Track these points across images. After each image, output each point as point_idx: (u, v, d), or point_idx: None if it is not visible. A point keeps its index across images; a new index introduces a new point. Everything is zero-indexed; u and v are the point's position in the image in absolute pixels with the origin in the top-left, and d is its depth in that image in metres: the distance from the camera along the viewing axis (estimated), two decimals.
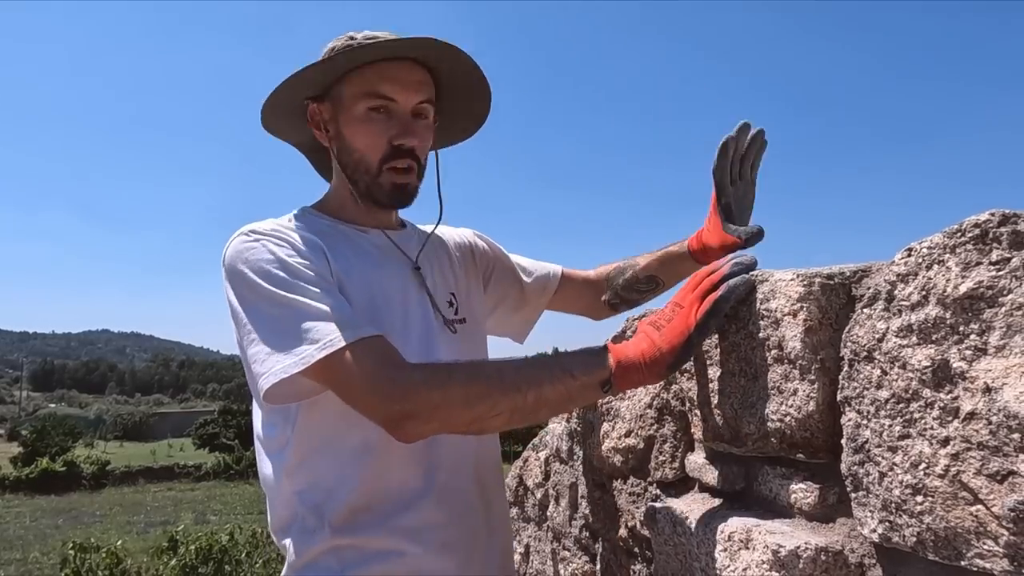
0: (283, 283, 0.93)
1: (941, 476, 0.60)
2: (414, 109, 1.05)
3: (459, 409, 0.86)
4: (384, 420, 0.87)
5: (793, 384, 0.79)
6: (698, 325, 0.86)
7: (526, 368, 0.88)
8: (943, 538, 0.60)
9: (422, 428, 0.87)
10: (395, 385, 0.86)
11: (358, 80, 1.03)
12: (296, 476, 1.01)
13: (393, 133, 1.03)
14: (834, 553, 0.72)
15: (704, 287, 0.88)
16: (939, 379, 0.62)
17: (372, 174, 1.05)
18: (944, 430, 0.61)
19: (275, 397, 0.91)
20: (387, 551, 0.98)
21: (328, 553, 0.98)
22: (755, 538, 0.77)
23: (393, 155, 1.04)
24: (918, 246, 0.66)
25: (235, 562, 6.62)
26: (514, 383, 0.86)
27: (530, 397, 0.86)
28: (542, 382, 0.86)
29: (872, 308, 0.70)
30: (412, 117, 1.05)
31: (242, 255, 0.96)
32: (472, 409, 0.86)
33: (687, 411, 1.05)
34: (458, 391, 0.86)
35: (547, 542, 1.60)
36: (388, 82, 1.02)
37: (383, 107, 1.03)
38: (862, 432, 0.70)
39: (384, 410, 0.86)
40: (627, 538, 1.18)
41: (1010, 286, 0.57)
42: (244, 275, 0.95)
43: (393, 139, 1.03)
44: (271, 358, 0.89)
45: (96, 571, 6.22)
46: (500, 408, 0.86)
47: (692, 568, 0.89)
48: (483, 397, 0.86)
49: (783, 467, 0.84)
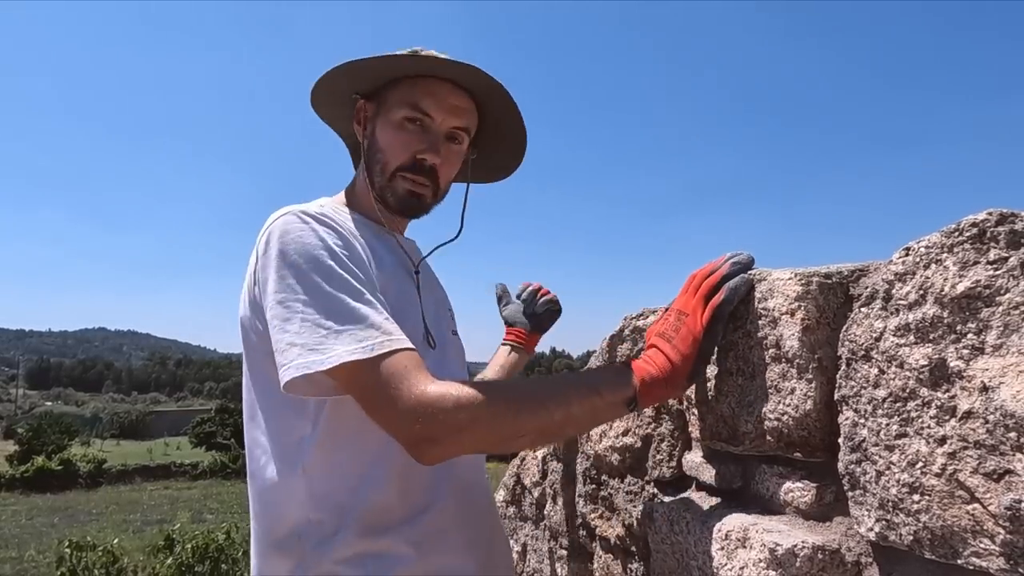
0: (329, 274, 0.89)
1: (938, 475, 0.60)
2: (448, 132, 1.06)
3: (484, 431, 0.83)
4: (406, 441, 0.83)
5: (791, 383, 0.80)
6: (706, 332, 0.87)
7: (553, 386, 0.87)
8: (939, 537, 0.60)
9: (444, 452, 0.84)
10: (420, 405, 0.81)
11: (404, 89, 1.05)
12: (315, 475, 0.95)
13: (420, 147, 1.04)
14: (831, 551, 0.72)
15: (704, 291, 0.88)
16: (936, 378, 0.62)
17: (386, 176, 1.06)
18: (941, 429, 0.61)
19: (293, 388, 0.87)
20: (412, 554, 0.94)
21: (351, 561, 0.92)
22: (752, 536, 0.78)
23: (412, 168, 1.05)
24: (916, 245, 0.66)
25: (231, 561, 6.61)
26: (542, 402, 0.85)
27: (557, 416, 0.84)
28: (570, 401, 0.85)
29: (870, 307, 0.70)
30: (444, 139, 1.06)
31: (290, 235, 0.92)
32: (498, 431, 0.84)
33: (684, 410, 1.05)
34: (484, 413, 0.82)
35: (544, 541, 1.60)
36: (430, 98, 1.04)
37: (419, 120, 1.05)
38: (859, 431, 0.70)
39: (407, 430, 0.82)
40: (624, 537, 1.18)
41: (1007, 285, 0.57)
42: (288, 257, 0.90)
43: (418, 153, 1.04)
44: (295, 349, 0.85)
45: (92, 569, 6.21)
46: (527, 428, 0.84)
47: (689, 566, 0.89)
48: (510, 418, 0.83)
49: (780, 466, 0.84)
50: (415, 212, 1.10)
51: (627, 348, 1.20)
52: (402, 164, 1.04)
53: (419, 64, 1.03)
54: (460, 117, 1.06)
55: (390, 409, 0.83)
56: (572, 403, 0.85)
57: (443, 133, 1.06)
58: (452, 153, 1.08)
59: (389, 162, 1.05)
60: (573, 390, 0.86)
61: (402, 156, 1.04)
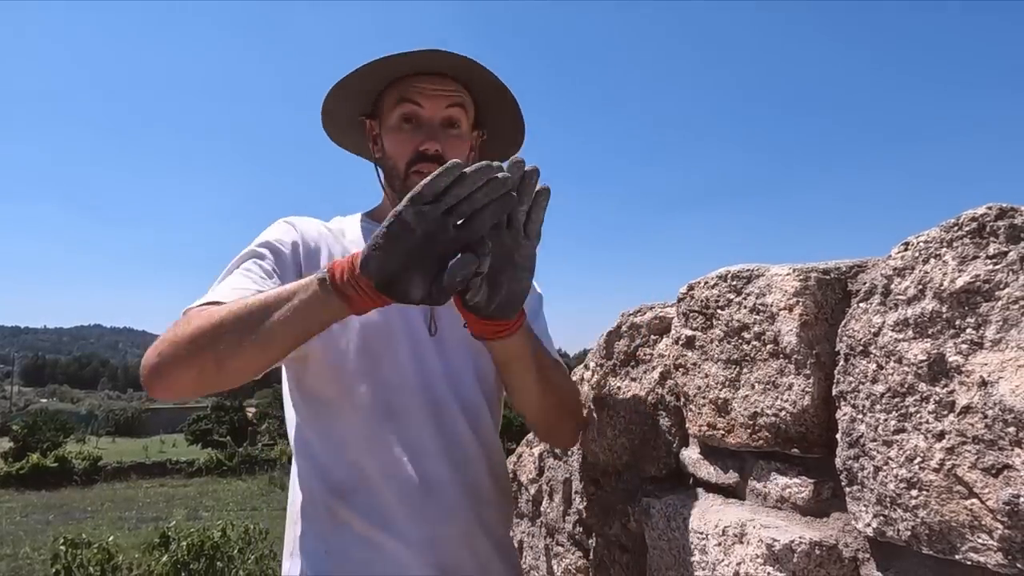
0: (246, 255, 1.05)
1: (936, 470, 0.60)
2: (443, 119, 1.10)
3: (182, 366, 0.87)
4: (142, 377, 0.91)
5: (788, 378, 0.79)
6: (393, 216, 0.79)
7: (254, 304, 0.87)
8: (937, 532, 0.60)
9: (152, 390, 0.89)
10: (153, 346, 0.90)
11: (393, 92, 1.11)
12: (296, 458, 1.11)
13: (419, 139, 1.08)
14: (828, 547, 0.72)
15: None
16: (935, 373, 0.62)
17: (401, 178, 1.10)
18: (939, 424, 0.60)
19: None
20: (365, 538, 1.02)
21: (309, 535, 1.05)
22: (749, 532, 0.77)
23: (418, 159, 1.08)
24: (915, 240, 0.66)
25: (227, 558, 6.60)
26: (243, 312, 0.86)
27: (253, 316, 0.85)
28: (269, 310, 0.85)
29: (868, 302, 0.70)
30: (441, 127, 1.10)
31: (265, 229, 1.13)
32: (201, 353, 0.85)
33: (682, 406, 1.05)
34: (187, 339, 0.86)
35: (541, 538, 1.60)
36: (415, 92, 1.09)
37: (413, 115, 1.09)
38: (857, 426, 0.69)
39: (142, 367, 0.90)
40: (621, 533, 1.18)
41: (1007, 280, 0.57)
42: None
43: (419, 145, 1.08)
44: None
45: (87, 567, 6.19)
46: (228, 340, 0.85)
47: (686, 563, 0.89)
48: (210, 334, 0.85)
49: (778, 462, 0.84)
50: None
51: (624, 344, 1.20)
52: (409, 160, 1.09)
53: (392, 65, 1.08)
54: (448, 98, 1.10)
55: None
56: (271, 312, 0.84)
57: (438, 121, 1.09)
58: (453, 138, 1.11)
59: (398, 163, 1.10)
60: (273, 293, 0.86)
61: (407, 153, 1.09)
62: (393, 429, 1.04)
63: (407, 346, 1.08)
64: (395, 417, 1.04)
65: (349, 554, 1.01)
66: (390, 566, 0.99)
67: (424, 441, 1.05)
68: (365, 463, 1.03)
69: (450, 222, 0.76)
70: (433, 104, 1.09)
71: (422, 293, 0.79)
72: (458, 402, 1.09)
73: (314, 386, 1.07)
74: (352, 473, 1.03)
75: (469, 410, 1.10)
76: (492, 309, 0.88)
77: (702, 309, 0.97)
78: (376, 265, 0.78)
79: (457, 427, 1.08)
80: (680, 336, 1.02)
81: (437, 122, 1.09)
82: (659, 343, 1.17)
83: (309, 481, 1.06)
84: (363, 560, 1.00)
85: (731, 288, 0.91)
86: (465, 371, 1.11)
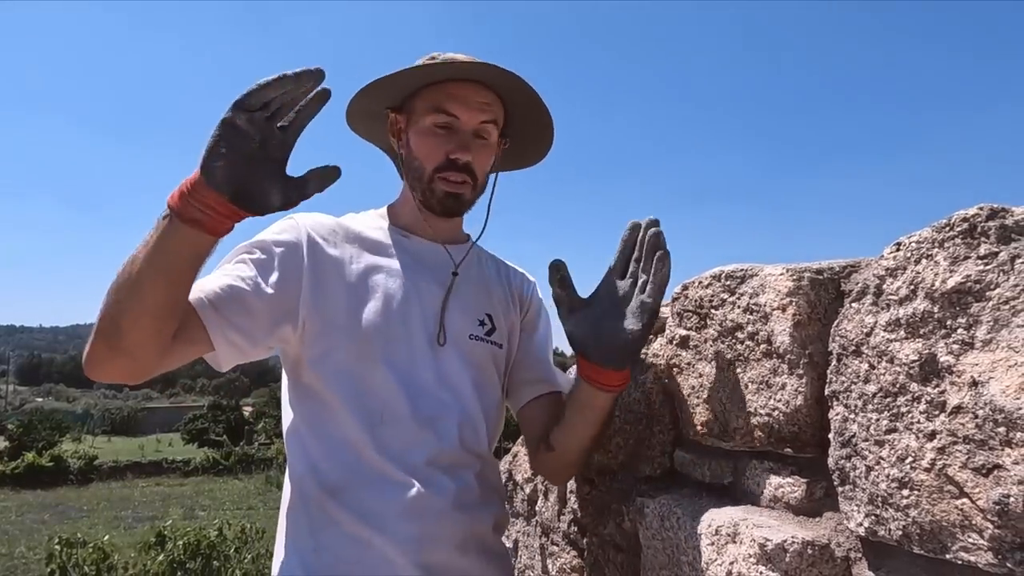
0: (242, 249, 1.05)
1: (927, 470, 0.60)
2: (476, 129, 1.11)
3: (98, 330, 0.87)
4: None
5: (781, 378, 0.80)
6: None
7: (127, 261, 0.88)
8: (928, 531, 0.60)
9: (88, 366, 0.89)
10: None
11: (429, 96, 1.11)
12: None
13: (451, 147, 1.10)
14: (820, 547, 0.72)
15: None
16: (926, 373, 0.62)
17: (425, 181, 1.12)
18: (931, 424, 0.61)
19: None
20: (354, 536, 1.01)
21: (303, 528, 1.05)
22: (742, 532, 0.78)
23: (447, 167, 1.10)
24: (907, 240, 0.66)
25: (224, 557, 6.59)
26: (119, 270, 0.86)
27: (125, 269, 0.86)
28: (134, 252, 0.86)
29: (860, 302, 0.70)
30: (473, 136, 1.11)
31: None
32: (103, 323, 0.86)
33: (676, 406, 1.05)
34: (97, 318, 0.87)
35: (536, 537, 1.60)
36: (454, 101, 1.09)
37: (447, 124, 1.10)
38: (849, 426, 0.70)
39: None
40: (615, 533, 1.18)
41: (997, 280, 0.57)
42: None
43: (450, 152, 1.10)
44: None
45: (83, 566, 6.17)
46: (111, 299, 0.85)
47: (680, 562, 0.89)
48: (104, 305, 0.86)
49: (771, 461, 0.85)
50: (457, 210, 1.16)
51: None
52: (438, 165, 1.10)
53: (438, 71, 1.09)
54: (484, 113, 1.11)
55: None
56: (136, 261, 0.85)
57: (471, 131, 1.11)
58: (482, 147, 1.13)
59: (426, 167, 1.12)
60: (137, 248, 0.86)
61: (437, 158, 1.10)
62: (387, 433, 1.04)
63: (405, 353, 1.08)
64: (389, 421, 1.04)
65: (338, 552, 1.01)
66: (378, 565, 0.99)
67: (417, 446, 1.05)
68: (357, 464, 1.03)
69: (275, 126, 0.81)
70: (469, 115, 1.10)
71: (281, 199, 0.82)
72: (454, 410, 1.09)
73: (310, 387, 1.07)
74: (344, 473, 1.03)
75: (465, 419, 1.10)
76: (594, 353, 0.96)
77: (696, 309, 0.97)
78: (223, 175, 0.78)
79: (451, 434, 1.08)
80: (674, 336, 1.02)
81: (470, 130, 1.11)
82: (653, 343, 1.17)
83: (301, 479, 1.06)
84: (352, 558, 1.00)
85: (725, 288, 0.91)
86: (463, 382, 1.11)
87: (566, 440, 1.10)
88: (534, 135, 1.23)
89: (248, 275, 1.01)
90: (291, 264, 1.05)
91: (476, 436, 1.12)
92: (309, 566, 1.02)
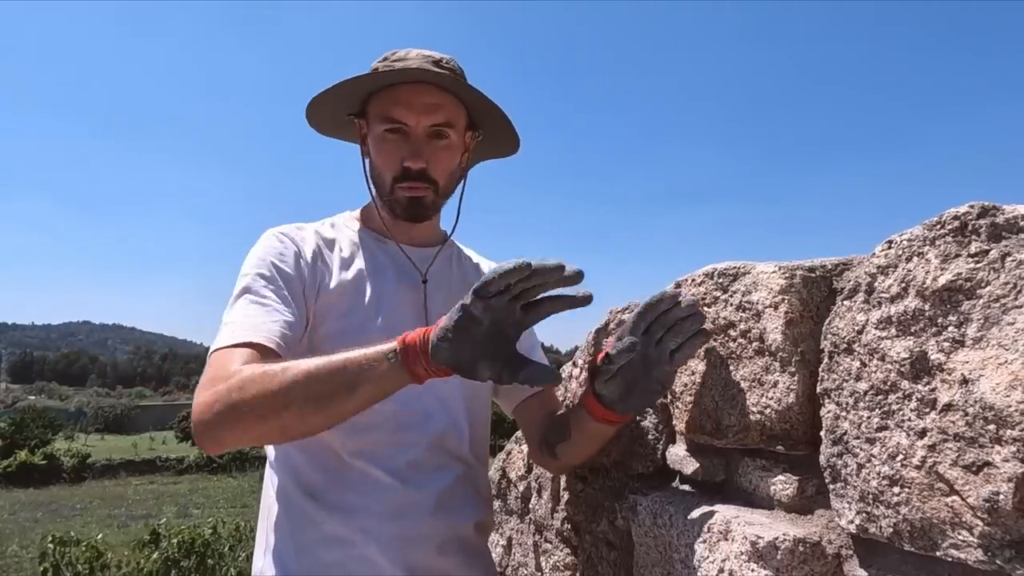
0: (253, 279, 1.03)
1: (918, 467, 0.61)
2: (430, 131, 1.08)
3: (239, 431, 0.86)
4: (193, 429, 0.90)
5: (774, 376, 0.80)
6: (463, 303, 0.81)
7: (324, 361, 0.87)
8: (919, 529, 0.61)
9: (207, 446, 0.88)
10: (202, 395, 0.89)
11: (379, 102, 1.09)
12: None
13: (404, 154, 1.08)
14: (812, 544, 0.72)
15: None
16: (917, 371, 0.62)
17: (387, 191, 1.11)
18: (921, 422, 0.61)
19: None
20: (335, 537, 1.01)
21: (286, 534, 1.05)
22: (734, 529, 0.78)
23: (404, 176, 1.09)
24: (898, 238, 0.66)
25: (218, 555, 6.57)
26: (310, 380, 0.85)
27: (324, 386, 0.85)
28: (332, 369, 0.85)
29: (852, 300, 0.70)
30: (428, 139, 1.09)
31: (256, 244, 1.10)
32: (265, 422, 0.85)
33: (668, 403, 1.05)
34: (248, 404, 0.85)
35: (529, 535, 1.60)
36: (400, 106, 1.07)
37: (399, 129, 1.08)
38: (841, 424, 0.70)
39: (193, 419, 0.89)
40: (608, 530, 1.18)
41: (988, 278, 0.57)
42: (246, 259, 1.08)
43: (403, 160, 1.08)
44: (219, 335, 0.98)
45: (76, 565, 6.14)
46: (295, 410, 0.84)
47: (672, 559, 0.89)
48: (274, 403, 0.84)
49: (763, 459, 0.85)
50: (422, 215, 1.14)
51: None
52: (395, 175, 1.09)
53: (376, 79, 1.07)
54: (436, 113, 1.08)
55: (196, 397, 0.91)
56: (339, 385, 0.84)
57: (423, 135, 1.08)
58: (439, 149, 1.10)
59: (384, 176, 1.11)
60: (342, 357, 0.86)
61: (394, 167, 1.09)
62: (369, 436, 1.04)
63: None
64: (373, 427, 1.04)
65: (318, 554, 1.00)
66: (359, 566, 0.99)
67: (400, 449, 1.05)
68: (340, 467, 1.03)
69: (517, 306, 0.80)
70: (416, 120, 1.07)
71: (490, 375, 0.82)
72: (438, 414, 1.09)
73: None
74: (326, 475, 1.03)
75: (449, 423, 1.10)
76: (619, 408, 0.94)
77: None
78: (446, 356, 0.81)
79: (434, 438, 1.08)
80: None
81: (422, 134, 1.08)
82: None
83: (283, 481, 1.06)
84: (332, 560, 1.00)
85: (717, 286, 0.91)
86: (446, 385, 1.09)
87: (573, 453, 1.11)
88: (502, 126, 1.20)
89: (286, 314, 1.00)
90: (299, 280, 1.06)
91: (460, 440, 1.12)
92: (289, 568, 1.02)
